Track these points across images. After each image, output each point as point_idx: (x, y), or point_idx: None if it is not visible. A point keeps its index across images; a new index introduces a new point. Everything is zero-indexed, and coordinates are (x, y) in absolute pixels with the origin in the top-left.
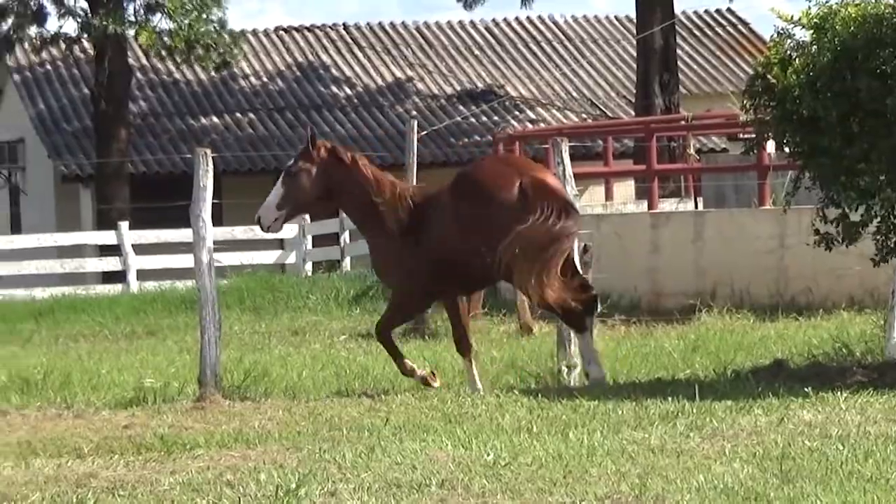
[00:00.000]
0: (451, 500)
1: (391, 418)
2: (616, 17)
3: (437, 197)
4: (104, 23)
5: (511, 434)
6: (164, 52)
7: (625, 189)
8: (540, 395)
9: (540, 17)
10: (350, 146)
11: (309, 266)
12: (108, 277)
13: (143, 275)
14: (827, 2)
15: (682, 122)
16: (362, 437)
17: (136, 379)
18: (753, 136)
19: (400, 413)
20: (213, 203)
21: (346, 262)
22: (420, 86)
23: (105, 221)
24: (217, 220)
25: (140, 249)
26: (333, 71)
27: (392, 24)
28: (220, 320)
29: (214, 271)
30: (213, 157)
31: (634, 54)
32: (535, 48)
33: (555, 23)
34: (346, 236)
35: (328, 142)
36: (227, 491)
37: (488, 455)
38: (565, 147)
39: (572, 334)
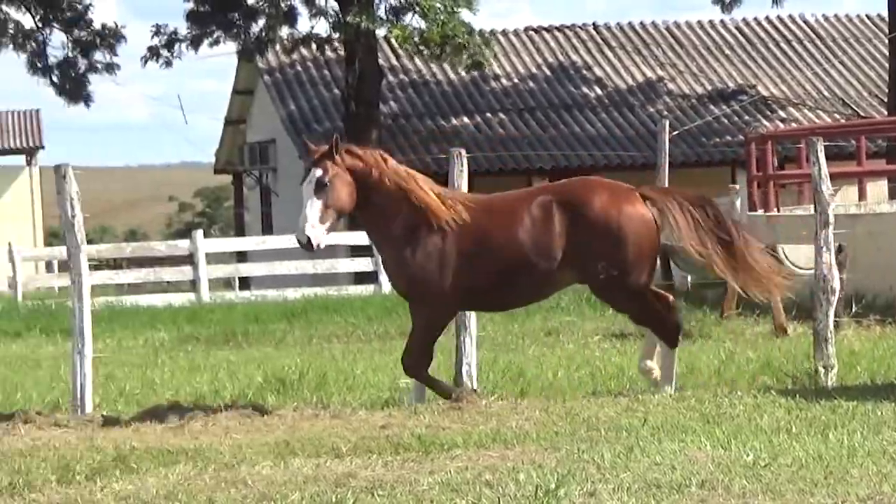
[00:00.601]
0: (712, 501)
1: (649, 418)
2: (867, 16)
3: (518, 208)
4: (356, 20)
5: (770, 434)
6: (414, 51)
7: (878, 189)
8: (797, 396)
9: (791, 17)
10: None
11: None
12: (360, 278)
13: None
14: None
15: None
16: (620, 438)
17: (392, 379)
18: None
19: (657, 413)
20: None
21: None
22: (671, 85)
23: (357, 222)
24: None
25: None
26: (584, 71)
27: (642, 24)
28: (474, 321)
29: None
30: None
31: (886, 53)
32: (786, 47)
33: (806, 22)
34: None
35: (348, 146)
36: (486, 491)
37: (748, 455)
38: (821, 147)
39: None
